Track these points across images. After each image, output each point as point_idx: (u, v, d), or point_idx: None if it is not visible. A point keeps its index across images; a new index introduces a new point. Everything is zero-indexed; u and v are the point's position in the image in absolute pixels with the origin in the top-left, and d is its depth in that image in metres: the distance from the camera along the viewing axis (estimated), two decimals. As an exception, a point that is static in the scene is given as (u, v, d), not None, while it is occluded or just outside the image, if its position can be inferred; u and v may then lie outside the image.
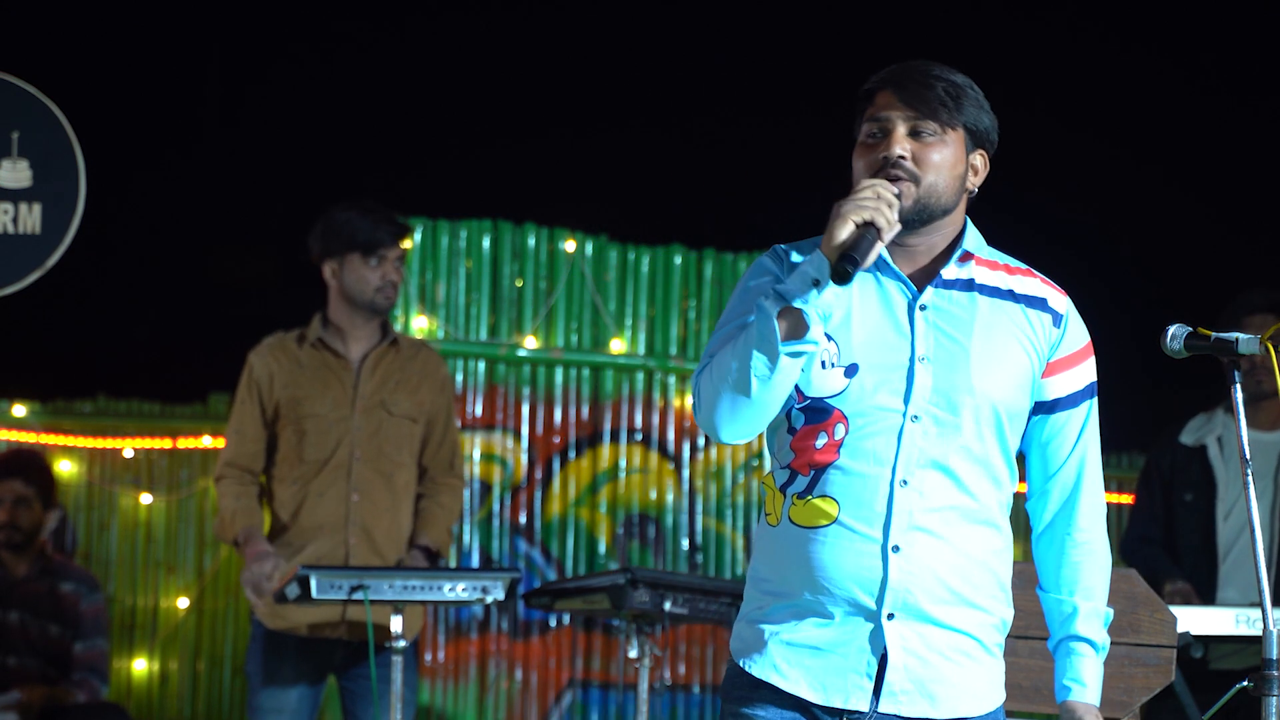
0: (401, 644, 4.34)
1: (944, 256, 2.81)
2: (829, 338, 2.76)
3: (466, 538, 6.73)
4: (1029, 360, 2.79)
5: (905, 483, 2.71)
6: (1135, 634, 3.60)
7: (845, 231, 2.62)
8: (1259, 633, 2.90)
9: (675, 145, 8.41)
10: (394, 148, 8.50)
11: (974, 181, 2.84)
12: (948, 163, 2.77)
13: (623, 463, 6.95)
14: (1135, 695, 3.60)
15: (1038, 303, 2.82)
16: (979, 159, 2.84)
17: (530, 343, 6.85)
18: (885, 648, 2.70)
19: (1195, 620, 4.76)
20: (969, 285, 2.80)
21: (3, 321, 5.95)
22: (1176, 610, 4.01)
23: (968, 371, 2.74)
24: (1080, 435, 2.86)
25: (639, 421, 6.96)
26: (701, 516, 7.01)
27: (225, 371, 5.58)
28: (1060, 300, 2.84)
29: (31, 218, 4.62)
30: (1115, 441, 7.76)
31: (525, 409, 6.87)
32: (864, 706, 2.71)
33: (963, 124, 2.79)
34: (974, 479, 2.75)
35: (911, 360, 2.74)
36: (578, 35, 8.61)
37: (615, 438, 6.94)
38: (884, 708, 2.71)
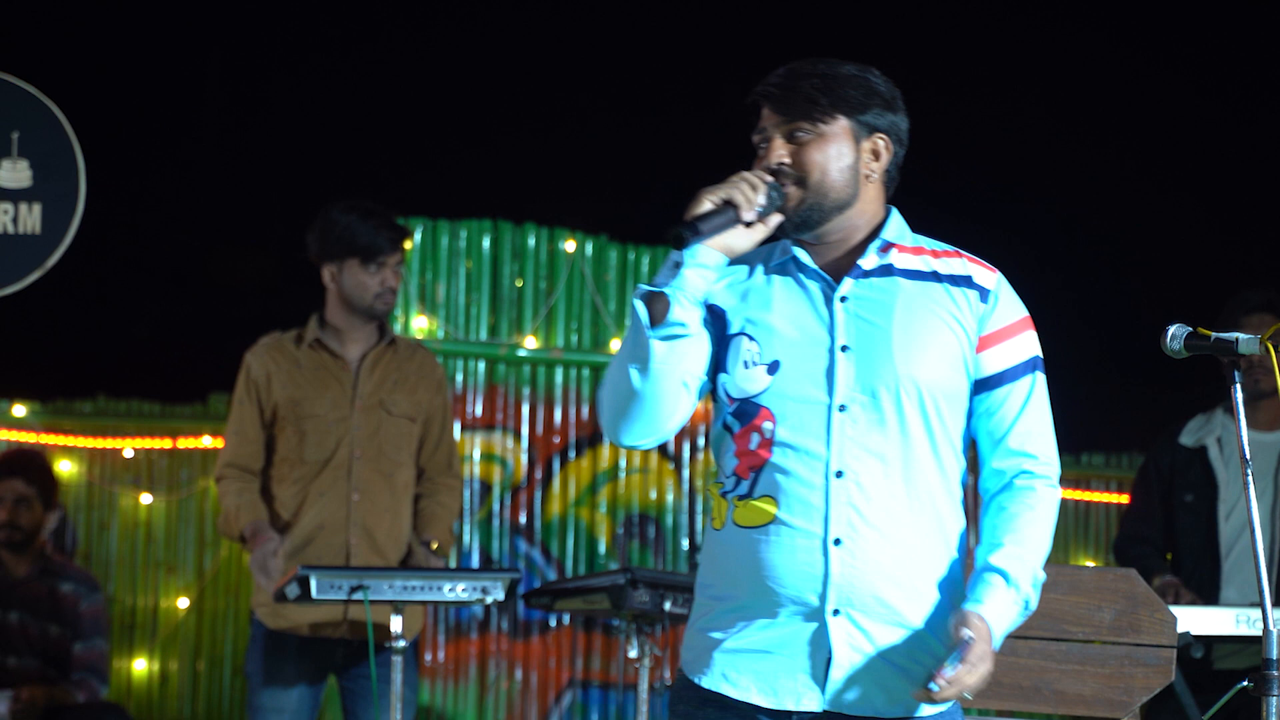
0: (401, 644, 4.34)
1: (862, 248, 2.80)
2: (750, 337, 2.77)
3: (466, 538, 6.73)
4: (956, 338, 2.76)
5: (840, 474, 2.69)
6: (1135, 634, 3.61)
7: (700, 208, 2.66)
8: (1259, 633, 2.90)
9: (675, 145, 8.42)
10: (394, 148, 8.51)
11: (874, 168, 2.80)
12: (830, 158, 2.76)
13: (623, 463, 6.95)
14: (1135, 695, 3.60)
15: (962, 280, 2.79)
16: (878, 144, 2.80)
17: (530, 343, 6.85)
18: (830, 646, 2.67)
19: (1195, 620, 4.76)
20: (888, 271, 2.78)
21: (3, 321, 5.95)
22: (1176, 610, 4.01)
23: (890, 356, 2.72)
24: (1024, 408, 2.80)
25: (639, 421, 6.96)
26: (701, 516, 7.01)
27: (225, 371, 5.58)
28: (988, 276, 2.80)
29: (31, 218, 4.62)
30: (1116, 442, 7.77)
31: (525, 409, 6.87)
32: (815, 706, 2.69)
33: (842, 114, 2.77)
34: (912, 466, 2.72)
35: (832, 351, 2.73)
36: (578, 35, 8.61)
37: (615, 438, 6.94)
38: (834, 706, 2.69)
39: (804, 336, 2.75)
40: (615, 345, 6.94)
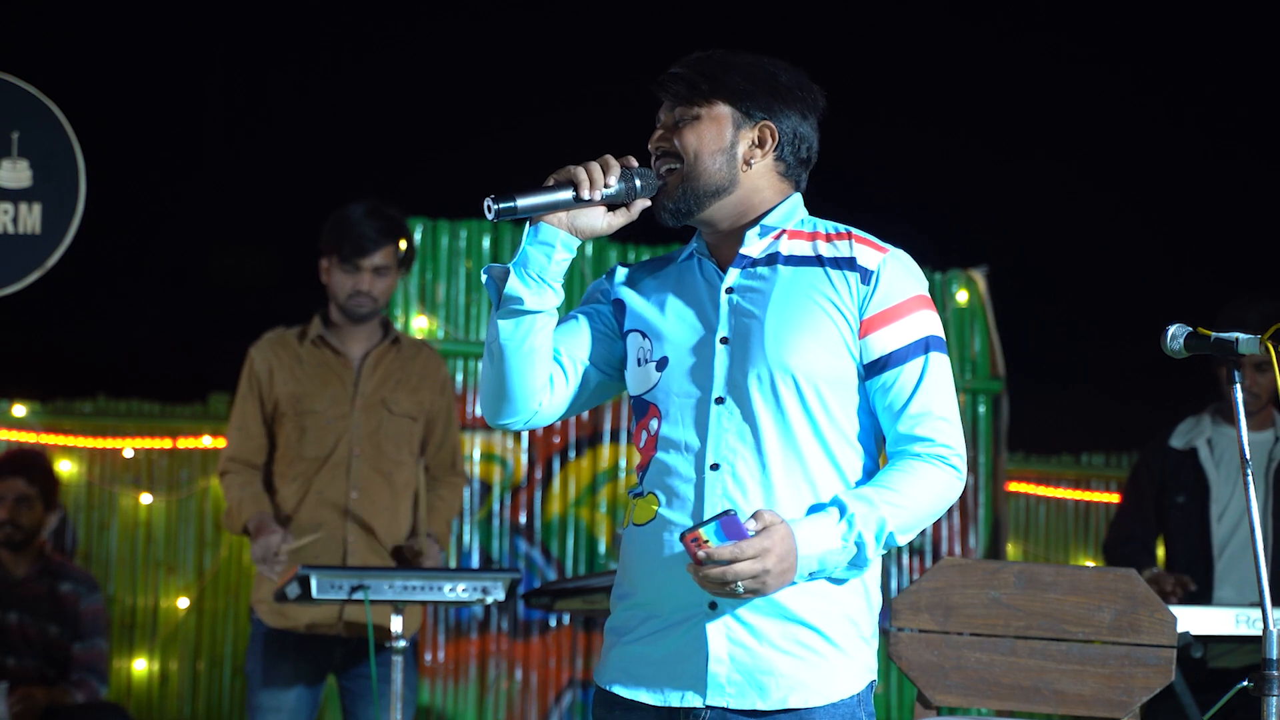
0: (401, 644, 4.34)
1: (744, 236, 2.78)
2: (644, 334, 2.79)
3: (466, 538, 6.73)
4: (834, 323, 2.70)
5: (716, 467, 2.67)
6: (1135, 634, 3.61)
7: (546, 182, 2.71)
8: (1259, 632, 2.90)
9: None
10: (394, 147, 8.51)
11: (756, 154, 2.77)
12: (706, 139, 2.76)
13: (623, 463, 6.94)
14: (1135, 695, 3.60)
15: (844, 262, 2.73)
16: (763, 132, 2.78)
17: (530, 343, 6.85)
18: (707, 641, 2.64)
19: (1195, 620, 4.77)
20: (773, 259, 2.76)
21: (3, 321, 5.95)
22: (1176, 610, 4.02)
23: (762, 346, 2.69)
24: (915, 390, 2.69)
25: (639, 421, 6.96)
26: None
27: (225, 371, 5.57)
28: (872, 256, 2.73)
29: (31, 218, 4.62)
30: (1116, 442, 7.77)
31: (525, 409, 6.86)
32: (698, 703, 2.66)
33: (722, 99, 2.77)
34: (793, 456, 2.67)
35: (712, 343, 2.73)
36: (578, 35, 8.61)
37: (615, 438, 6.94)
38: (712, 700, 2.65)
39: (691, 331, 2.76)
40: (615, 345, 6.94)
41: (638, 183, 2.75)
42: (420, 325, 6.73)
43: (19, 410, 7.00)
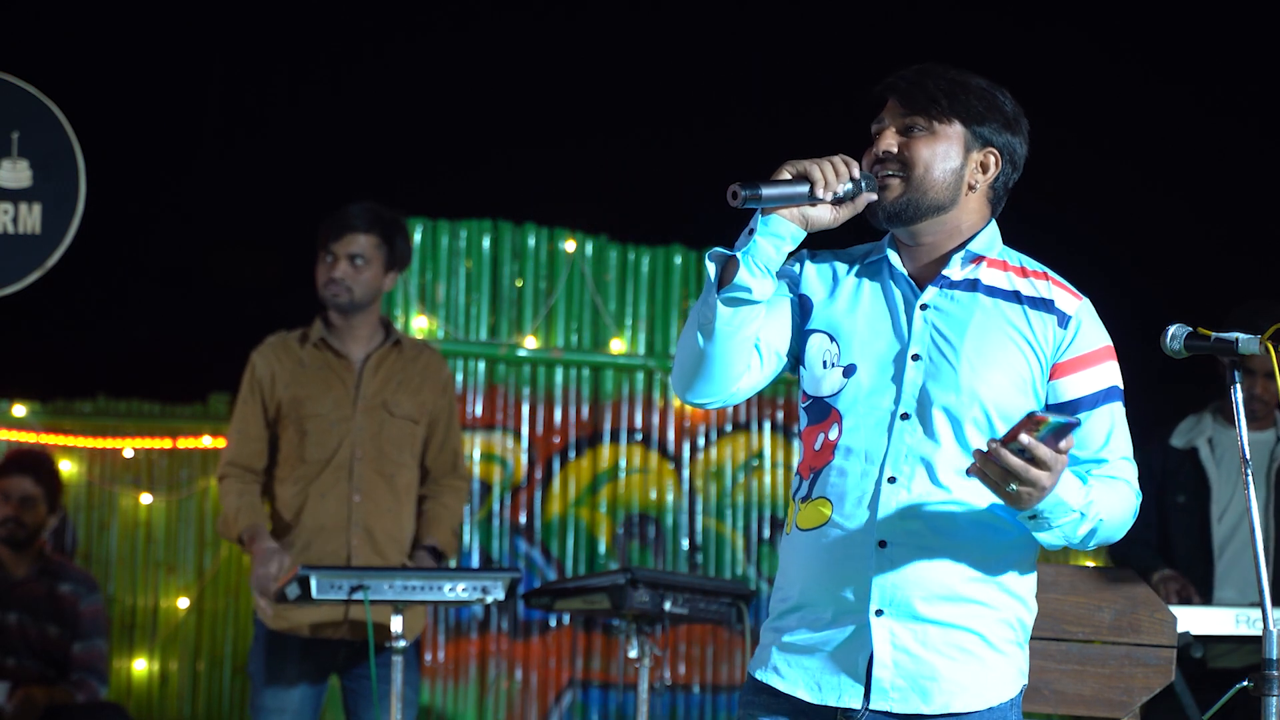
0: (402, 644, 4.34)
1: (950, 257, 2.82)
2: (831, 337, 2.80)
3: (466, 538, 6.73)
4: (1027, 361, 2.77)
5: (893, 480, 2.72)
6: (1135, 634, 3.61)
7: (776, 175, 2.69)
8: (1259, 632, 2.90)
9: (675, 145, 8.41)
10: (394, 148, 8.50)
11: (980, 180, 2.82)
12: (938, 157, 2.78)
13: (623, 463, 6.95)
14: (1135, 695, 3.60)
15: (1043, 304, 2.80)
16: (988, 158, 2.82)
17: (530, 343, 6.85)
18: (872, 645, 2.71)
19: (1195, 620, 4.77)
20: (973, 286, 2.81)
21: (3, 321, 5.95)
22: (1176, 610, 4.01)
23: (956, 371, 2.74)
24: (1109, 437, 2.81)
25: (639, 421, 6.96)
26: (701, 516, 7.01)
27: (225, 371, 5.57)
28: (1070, 302, 2.81)
29: (31, 218, 4.62)
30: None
31: (525, 409, 6.87)
32: (856, 704, 2.73)
33: (959, 120, 2.80)
34: (966, 481, 2.71)
35: (904, 358, 2.76)
36: (578, 36, 8.61)
37: (615, 438, 6.94)
38: (875, 705, 2.72)
39: (881, 341, 2.79)
40: (615, 345, 6.94)
41: (863, 183, 2.76)
42: (420, 325, 6.73)
43: (19, 410, 7.01)
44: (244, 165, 8.45)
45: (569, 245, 6.90)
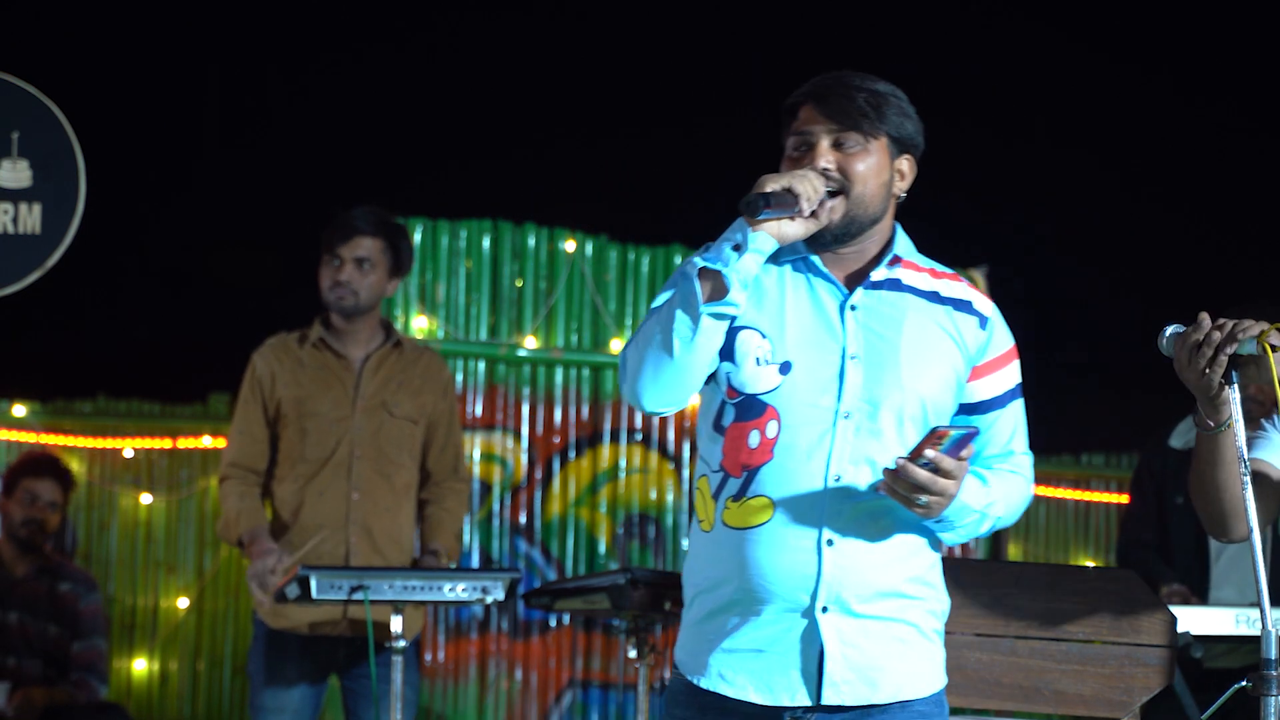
0: (402, 644, 4.34)
1: (874, 261, 2.87)
2: (763, 334, 2.81)
3: (467, 538, 6.73)
4: (955, 361, 2.85)
5: (838, 479, 2.76)
6: (1135, 634, 3.61)
7: (767, 187, 2.71)
8: (1259, 632, 2.90)
9: (675, 145, 8.41)
10: (395, 148, 8.50)
11: (900, 187, 2.89)
12: (873, 171, 2.83)
13: (623, 463, 6.94)
14: (1135, 695, 3.60)
15: (964, 305, 2.89)
16: (905, 164, 2.89)
17: (530, 343, 6.85)
18: (822, 641, 2.75)
19: (1195, 620, 4.76)
20: (897, 285, 2.87)
21: (3, 321, 5.95)
22: (1176, 610, 4.01)
23: (897, 369, 2.79)
24: (1014, 432, 2.92)
25: (639, 421, 6.96)
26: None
27: (225, 371, 5.57)
28: (985, 304, 2.92)
29: (31, 218, 4.62)
30: (1116, 442, 7.77)
31: (525, 409, 6.86)
32: (807, 701, 2.77)
33: (885, 132, 2.84)
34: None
35: (843, 358, 2.80)
36: (578, 37, 8.61)
37: (615, 438, 6.94)
38: (827, 699, 2.76)
39: (816, 342, 2.80)
40: (615, 345, 6.94)
41: (826, 198, 2.81)
42: (420, 325, 6.73)
43: (19, 410, 7.00)
44: (244, 165, 8.45)
45: (569, 245, 6.90)
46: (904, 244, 2.91)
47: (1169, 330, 3.03)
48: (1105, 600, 3.63)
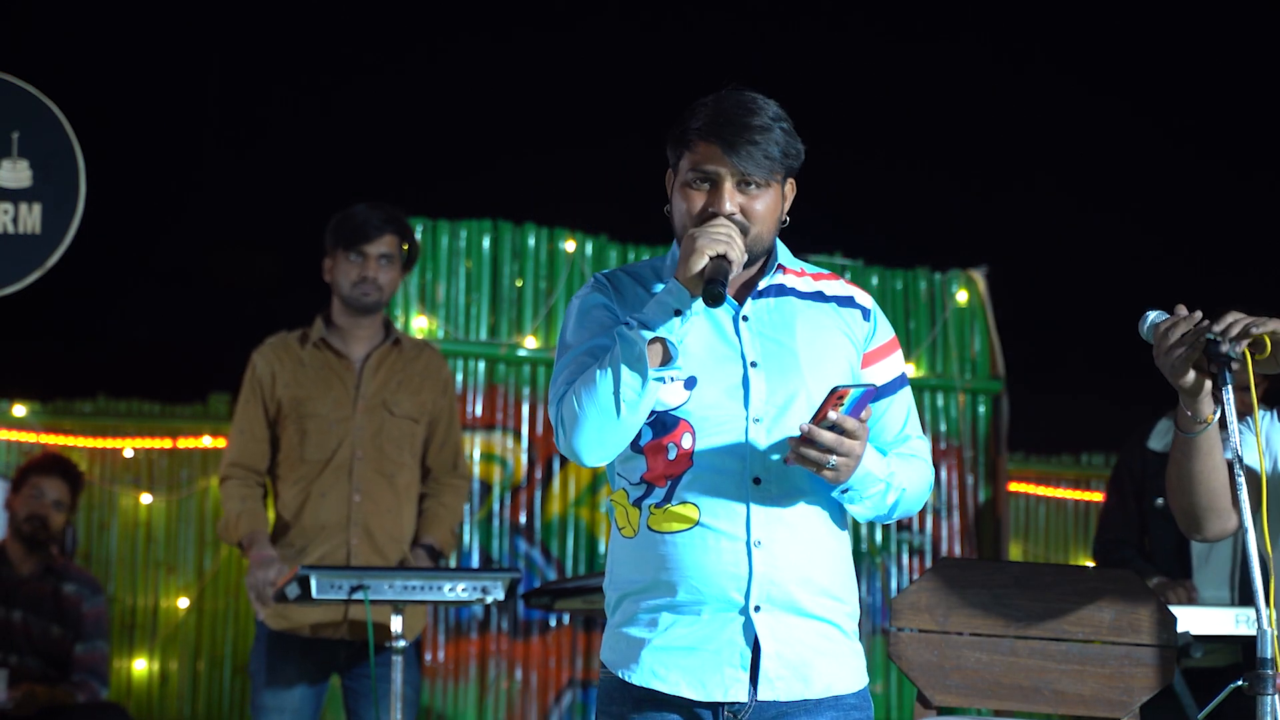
0: (402, 644, 4.34)
1: (760, 273, 2.97)
2: None
3: (466, 538, 6.73)
4: (849, 353, 2.96)
5: (759, 482, 2.86)
6: (1135, 634, 3.61)
7: (702, 262, 2.79)
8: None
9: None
10: (395, 148, 8.51)
11: (784, 210, 2.98)
12: (769, 209, 2.92)
13: (623, 463, 6.94)
14: (1135, 695, 3.60)
15: (846, 301, 3.00)
16: (789, 188, 2.98)
17: (530, 343, 6.85)
18: (757, 638, 2.84)
19: (1195, 620, 4.76)
20: (781, 291, 2.97)
21: (3, 321, 5.95)
22: (1176, 610, 4.01)
23: (798, 369, 2.90)
24: (907, 418, 3.03)
25: (639, 421, 6.95)
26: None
27: (225, 371, 5.57)
28: (865, 298, 3.03)
29: (31, 218, 4.62)
30: (1116, 442, 7.77)
31: (525, 409, 6.86)
32: (743, 696, 2.85)
33: (783, 171, 2.92)
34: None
35: (744, 367, 2.90)
36: (578, 37, 8.61)
37: (615, 438, 6.94)
38: (762, 694, 2.86)
39: (716, 355, 2.91)
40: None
41: None
42: (420, 325, 6.73)
43: (19, 410, 7.01)
44: (244, 165, 8.46)
45: (569, 245, 6.90)
46: (784, 253, 3.00)
47: (1150, 316, 3.06)
48: (1105, 600, 3.64)
